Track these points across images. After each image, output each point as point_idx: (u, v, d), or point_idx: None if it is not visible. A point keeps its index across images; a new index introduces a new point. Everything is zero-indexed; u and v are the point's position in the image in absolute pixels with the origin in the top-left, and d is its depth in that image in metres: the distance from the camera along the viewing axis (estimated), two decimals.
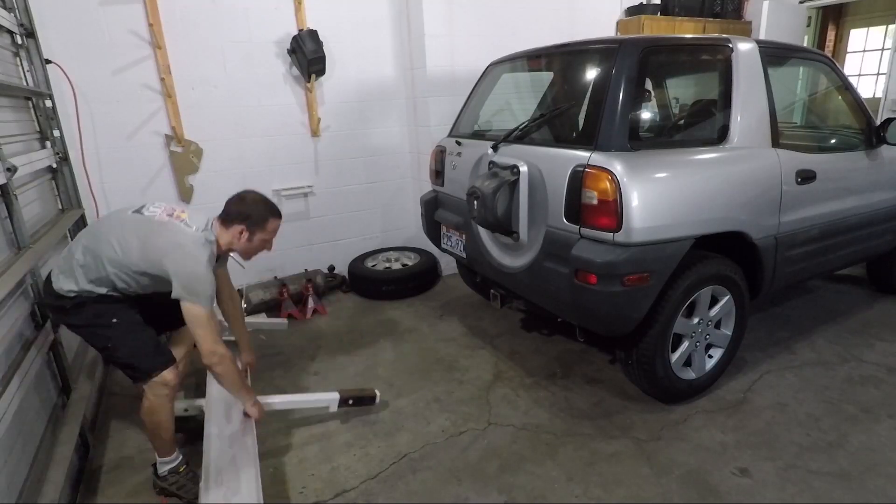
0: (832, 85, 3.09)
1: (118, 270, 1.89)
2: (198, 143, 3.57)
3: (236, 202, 2.04)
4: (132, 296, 1.99)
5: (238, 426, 2.16)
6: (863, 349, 2.95)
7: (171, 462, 2.03)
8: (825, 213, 2.70)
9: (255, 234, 2.04)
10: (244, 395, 2.10)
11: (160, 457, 2.02)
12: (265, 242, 2.11)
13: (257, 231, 2.04)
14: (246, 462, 1.95)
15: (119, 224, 1.95)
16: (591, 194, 2.08)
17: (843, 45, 7.26)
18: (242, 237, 2.02)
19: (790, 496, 1.95)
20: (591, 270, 2.07)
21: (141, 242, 1.88)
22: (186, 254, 1.86)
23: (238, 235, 2.01)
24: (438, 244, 3.32)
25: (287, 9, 3.63)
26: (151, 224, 1.92)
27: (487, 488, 2.04)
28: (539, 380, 2.77)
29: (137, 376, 1.91)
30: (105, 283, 1.91)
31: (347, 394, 2.48)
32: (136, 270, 1.90)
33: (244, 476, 1.88)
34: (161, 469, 2.03)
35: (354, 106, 4.06)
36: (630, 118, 2.17)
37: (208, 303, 1.86)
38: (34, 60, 2.79)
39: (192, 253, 1.87)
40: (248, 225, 2.01)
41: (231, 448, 2.04)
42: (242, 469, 1.92)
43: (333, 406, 2.45)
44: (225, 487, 1.85)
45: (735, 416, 2.41)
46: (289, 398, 2.51)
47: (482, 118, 3.18)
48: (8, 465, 1.64)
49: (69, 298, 1.90)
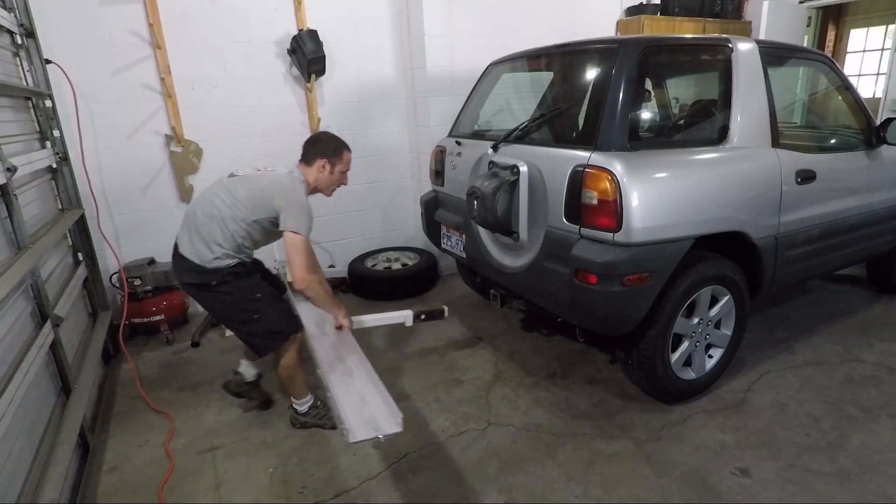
0: (832, 85, 3.09)
1: (237, 226, 2.14)
2: (198, 143, 3.57)
3: (313, 142, 2.34)
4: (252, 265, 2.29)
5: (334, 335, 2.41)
6: (863, 349, 2.95)
7: (308, 401, 2.41)
8: (825, 213, 2.70)
9: (335, 167, 2.32)
10: (336, 309, 2.39)
11: (297, 399, 2.40)
12: (343, 175, 2.39)
13: (337, 163, 2.32)
14: (350, 351, 2.25)
15: (223, 187, 2.21)
16: (591, 194, 2.08)
17: (843, 45, 7.26)
18: (325, 170, 2.30)
19: (790, 496, 1.95)
20: (591, 270, 2.07)
21: (247, 192, 2.16)
22: (288, 189, 2.16)
23: (321, 169, 2.30)
24: (438, 244, 3.32)
25: (287, 9, 3.63)
26: (249, 178, 2.23)
27: (487, 488, 2.04)
28: (539, 380, 2.77)
29: (276, 342, 2.24)
30: (232, 248, 2.16)
31: (419, 310, 2.78)
32: (250, 221, 2.16)
33: (351, 360, 2.18)
34: (301, 408, 2.41)
35: (354, 106, 4.06)
36: (630, 118, 2.17)
37: (307, 232, 2.13)
38: (34, 60, 2.79)
39: (293, 188, 2.18)
40: (328, 158, 2.29)
41: (334, 349, 2.28)
42: (349, 358, 2.20)
43: (409, 321, 2.72)
44: (340, 372, 2.09)
45: (735, 416, 2.41)
46: (371, 317, 2.68)
47: (482, 118, 3.18)
48: (8, 464, 1.64)
49: (212, 273, 2.14)
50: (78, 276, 2.85)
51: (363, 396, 1.96)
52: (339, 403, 1.89)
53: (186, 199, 3.62)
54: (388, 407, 1.87)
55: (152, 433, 2.46)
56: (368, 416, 1.83)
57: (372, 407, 1.89)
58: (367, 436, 1.73)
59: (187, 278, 2.20)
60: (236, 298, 2.19)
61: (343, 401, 1.91)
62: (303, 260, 2.11)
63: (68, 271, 2.82)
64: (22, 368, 1.83)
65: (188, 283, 2.21)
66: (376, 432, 1.73)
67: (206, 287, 2.18)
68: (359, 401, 1.93)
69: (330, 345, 2.32)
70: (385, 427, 1.76)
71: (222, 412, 2.61)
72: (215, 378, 2.91)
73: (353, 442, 1.70)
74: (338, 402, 1.89)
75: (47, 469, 1.82)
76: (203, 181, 3.65)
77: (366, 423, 1.79)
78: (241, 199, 2.14)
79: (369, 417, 1.82)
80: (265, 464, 2.23)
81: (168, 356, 3.20)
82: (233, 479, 2.15)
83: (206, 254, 2.13)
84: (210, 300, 2.23)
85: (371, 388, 2.01)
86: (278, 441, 2.37)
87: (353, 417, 1.81)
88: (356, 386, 2.03)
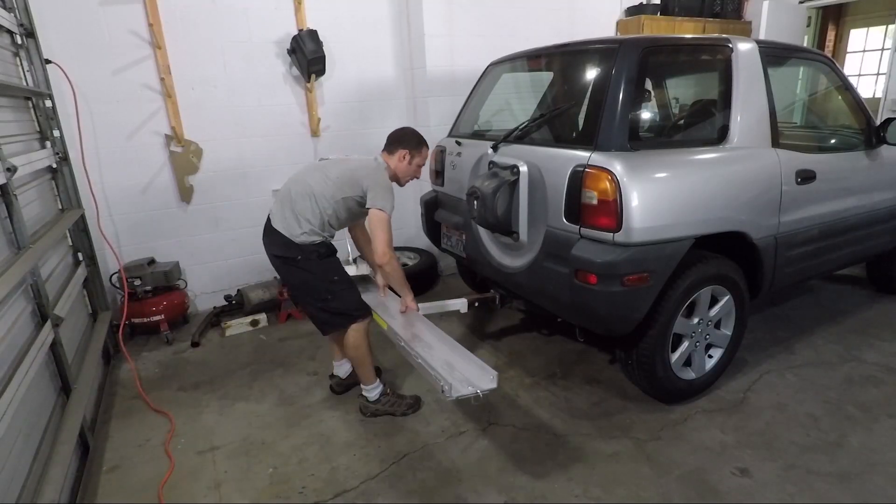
0: (832, 85, 3.09)
1: (326, 203, 2.30)
2: (198, 143, 3.57)
3: (398, 135, 2.50)
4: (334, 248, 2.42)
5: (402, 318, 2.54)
6: (863, 349, 2.95)
7: (377, 387, 2.50)
8: (825, 213, 2.70)
9: (413, 158, 2.48)
10: (406, 291, 2.54)
11: (365, 385, 2.49)
12: (419, 168, 2.55)
13: (416, 156, 2.49)
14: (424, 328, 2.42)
15: (315, 168, 2.43)
16: (590, 194, 2.08)
17: (843, 45, 7.26)
18: (405, 160, 2.46)
19: (790, 496, 1.95)
20: (591, 270, 2.07)
21: (339, 172, 2.35)
22: (375, 172, 2.35)
23: (402, 159, 2.46)
24: (438, 244, 3.32)
25: (287, 9, 3.63)
26: (340, 161, 2.46)
27: (487, 488, 2.04)
28: (539, 380, 2.77)
29: (344, 323, 2.38)
30: (319, 224, 2.31)
31: (473, 298, 2.99)
32: (339, 199, 2.32)
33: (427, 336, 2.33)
34: (371, 395, 2.49)
35: (354, 106, 4.06)
36: (630, 118, 2.17)
37: (390, 210, 2.29)
38: (34, 60, 2.79)
39: (379, 170, 2.37)
40: (409, 150, 2.46)
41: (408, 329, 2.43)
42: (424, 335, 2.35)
43: (463, 308, 2.92)
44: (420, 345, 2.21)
45: (735, 416, 2.41)
46: (431, 304, 2.85)
47: (482, 118, 3.18)
48: (8, 464, 1.64)
49: (299, 248, 2.28)
50: (78, 276, 2.85)
51: (449, 362, 2.07)
52: (431, 365, 1.98)
53: (186, 198, 3.62)
54: (478, 367, 1.98)
55: (152, 433, 2.46)
56: (460, 378, 1.92)
57: (462, 369, 2.00)
58: (467, 391, 1.82)
59: (276, 250, 2.35)
60: (316, 277, 2.34)
61: (434, 363, 2.00)
62: (385, 236, 2.27)
63: (68, 271, 2.82)
64: (22, 368, 1.83)
65: (276, 255, 2.37)
66: (475, 388, 1.84)
67: (291, 261, 2.32)
68: (447, 365, 2.02)
69: (402, 325, 2.45)
70: (482, 384, 1.88)
71: (222, 412, 2.61)
72: (215, 378, 2.91)
73: (455, 397, 1.80)
74: (429, 365, 1.98)
75: (47, 469, 1.82)
76: (203, 181, 3.65)
77: (460, 382, 1.88)
78: (333, 177, 2.32)
79: (461, 378, 1.91)
80: (265, 464, 2.23)
81: (168, 356, 3.20)
82: (233, 479, 2.15)
83: (296, 228, 2.29)
84: (291, 274, 2.38)
85: (455, 356, 2.13)
86: (278, 441, 2.37)
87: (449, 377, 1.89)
88: (439, 354, 2.14)
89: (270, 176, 3.86)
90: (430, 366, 2.00)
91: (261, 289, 3.68)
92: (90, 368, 2.52)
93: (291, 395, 2.73)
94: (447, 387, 1.83)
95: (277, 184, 3.90)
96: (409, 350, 2.19)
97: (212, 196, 3.72)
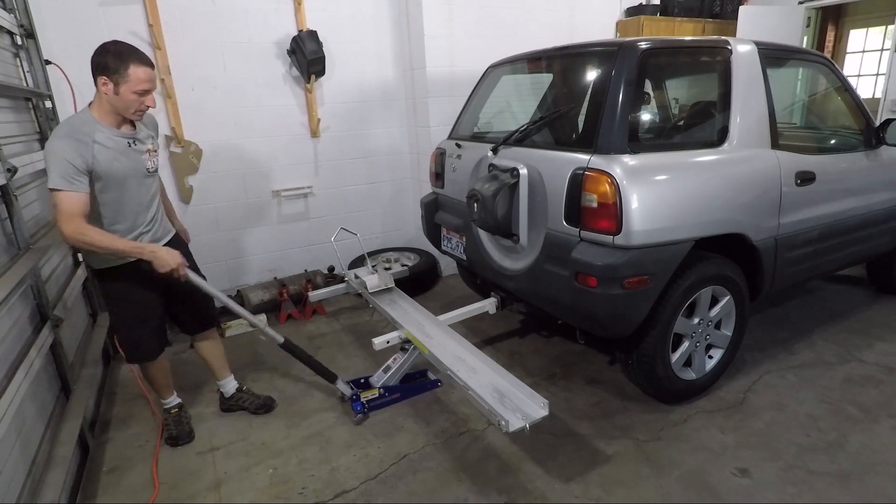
0: (831, 86, 3.10)
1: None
2: (197, 143, 3.57)
3: (93, 58, 1.92)
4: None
5: (438, 337, 2.55)
6: (863, 349, 2.96)
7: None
8: (825, 215, 2.70)
9: (119, 85, 1.90)
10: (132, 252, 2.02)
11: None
12: (138, 97, 1.95)
13: (121, 80, 1.90)
14: (463, 348, 2.41)
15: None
16: (590, 197, 2.08)
17: (843, 45, 7.26)
18: (109, 90, 1.92)
19: (790, 496, 1.95)
20: (591, 273, 2.07)
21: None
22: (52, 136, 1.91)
23: (104, 88, 1.92)
24: (438, 246, 3.32)
25: (287, 9, 3.64)
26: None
27: (487, 489, 2.04)
28: (539, 380, 2.77)
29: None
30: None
31: (500, 296, 2.99)
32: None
33: (468, 358, 2.34)
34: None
35: (354, 107, 4.07)
36: (630, 120, 2.17)
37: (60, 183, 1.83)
38: (34, 61, 2.79)
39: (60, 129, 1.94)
40: (108, 74, 1.89)
41: (446, 349, 2.42)
42: (465, 356, 2.36)
43: (492, 309, 2.92)
44: (465, 370, 2.23)
45: (735, 417, 2.41)
46: (458, 311, 2.89)
47: (482, 120, 3.18)
48: (8, 465, 1.64)
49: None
50: (78, 276, 2.84)
51: (498, 389, 2.09)
52: (482, 398, 2.00)
53: (186, 199, 3.62)
54: (527, 394, 2.03)
55: (152, 433, 2.46)
56: (512, 406, 1.97)
57: (512, 397, 2.03)
58: (519, 425, 1.87)
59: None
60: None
61: (484, 393, 2.04)
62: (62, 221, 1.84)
63: (68, 272, 2.82)
64: (22, 369, 1.83)
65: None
66: (526, 420, 1.89)
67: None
68: (496, 394, 2.06)
69: (440, 346, 2.44)
70: (533, 412, 1.93)
71: (222, 412, 2.61)
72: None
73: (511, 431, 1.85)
74: (481, 398, 2.00)
75: (47, 470, 1.83)
76: (203, 182, 3.65)
77: (512, 412, 1.93)
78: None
79: (513, 407, 1.97)
80: (265, 464, 2.23)
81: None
82: (233, 479, 2.15)
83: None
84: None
85: (500, 380, 2.15)
86: (278, 441, 2.37)
87: (502, 409, 1.93)
88: (486, 378, 2.16)
89: (270, 176, 3.87)
90: (482, 398, 2.00)
91: (261, 289, 3.68)
92: (90, 369, 2.52)
93: (291, 395, 2.74)
94: (504, 423, 1.86)
95: (278, 184, 3.91)
96: (457, 380, 2.16)
97: (211, 197, 3.72)
